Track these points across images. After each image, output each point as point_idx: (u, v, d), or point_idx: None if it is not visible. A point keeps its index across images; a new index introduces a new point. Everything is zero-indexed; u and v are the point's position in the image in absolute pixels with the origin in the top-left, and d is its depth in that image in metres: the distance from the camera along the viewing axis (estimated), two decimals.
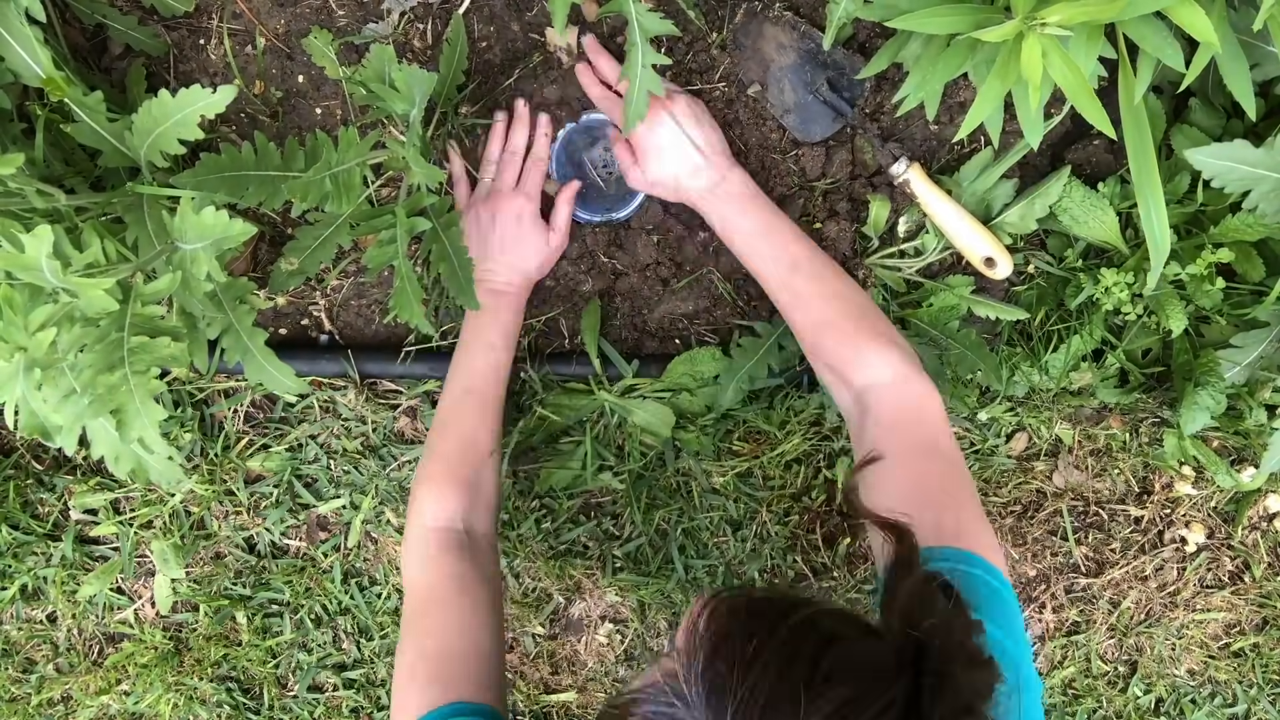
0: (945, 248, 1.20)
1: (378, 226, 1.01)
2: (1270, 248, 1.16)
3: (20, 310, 0.78)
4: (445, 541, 1.03)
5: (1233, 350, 1.16)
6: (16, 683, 1.44)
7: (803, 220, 1.21)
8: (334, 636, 1.43)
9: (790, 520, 1.39)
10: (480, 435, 1.10)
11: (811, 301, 1.07)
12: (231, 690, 1.45)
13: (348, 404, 1.31)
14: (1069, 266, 1.23)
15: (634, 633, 1.45)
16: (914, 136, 1.18)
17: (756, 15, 1.14)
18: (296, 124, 1.18)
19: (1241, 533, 1.44)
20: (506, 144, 1.17)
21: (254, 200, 0.91)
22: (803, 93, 1.15)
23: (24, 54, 0.88)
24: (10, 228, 0.79)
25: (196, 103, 0.90)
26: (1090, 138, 1.19)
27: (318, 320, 1.27)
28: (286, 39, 1.15)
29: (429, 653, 0.93)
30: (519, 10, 1.15)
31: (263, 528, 1.37)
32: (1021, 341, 1.28)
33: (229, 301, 0.97)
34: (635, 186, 1.15)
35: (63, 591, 1.39)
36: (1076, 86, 0.81)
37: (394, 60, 0.98)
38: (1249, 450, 1.39)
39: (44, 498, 1.36)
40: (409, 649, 0.95)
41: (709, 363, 1.23)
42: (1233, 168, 1.02)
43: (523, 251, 1.14)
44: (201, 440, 1.32)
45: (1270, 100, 1.10)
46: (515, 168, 1.16)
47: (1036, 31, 0.79)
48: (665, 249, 1.22)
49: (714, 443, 1.32)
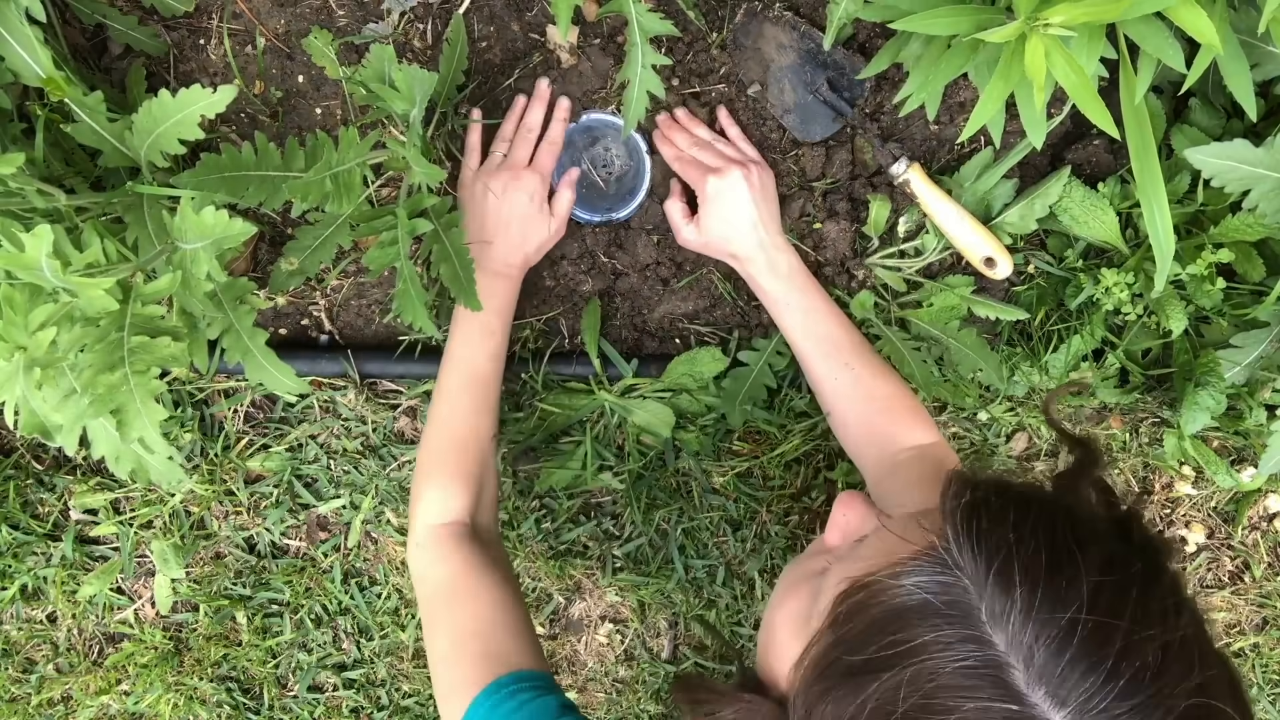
0: (945, 248, 1.20)
1: (379, 227, 1.00)
2: (1270, 248, 1.16)
3: (20, 309, 0.78)
4: (455, 534, 1.01)
5: (1233, 350, 1.16)
6: (16, 683, 1.44)
7: (803, 220, 1.21)
8: (334, 636, 1.43)
9: (790, 520, 1.39)
10: (482, 427, 1.08)
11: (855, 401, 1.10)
12: (231, 690, 1.45)
13: (348, 404, 1.31)
14: (1069, 266, 1.23)
15: (634, 633, 1.45)
16: (914, 136, 1.18)
17: (756, 15, 1.14)
18: (296, 124, 1.18)
19: (1241, 533, 1.44)
20: (522, 121, 1.15)
21: (254, 200, 0.91)
22: (803, 93, 1.15)
23: (24, 54, 0.88)
24: (10, 227, 0.79)
25: (196, 103, 0.90)
26: (1090, 138, 1.19)
27: (318, 320, 1.27)
28: (286, 39, 1.15)
29: (471, 632, 0.91)
30: (519, 10, 1.15)
31: (263, 528, 1.37)
32: (1021, 341, 1.28)
33: (229, 301, 0.97)
34: (685, 243, 1.16)
35: (63, 591, 1.39)
36: (1079, 87, 0.81)
37: (394, 60, 0.98)
38: (1249, 450, 1.39)
39: (44, 498, 1.35)
40: (442, 637, 0.93)
41: (709, 363, 1.23)
42: (1233, 167, 1.02)
43: (526, 231, 1.12)
44: (201, 440, 1.32)
45: (1270, 100, 1.10)
46: (529, 144, 1.13)
47: (1039, 32, 0.79)
48: (665, 249, 1.22)
49: (714, 443, 1.32)
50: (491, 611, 0.93)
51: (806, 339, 1.11)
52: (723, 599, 1.42)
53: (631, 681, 1.48)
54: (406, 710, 1.47)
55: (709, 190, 1.09)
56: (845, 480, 1.36)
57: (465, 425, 1.08)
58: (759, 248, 1.11)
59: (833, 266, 1.23)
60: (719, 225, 1.11)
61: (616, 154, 1.22)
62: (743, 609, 1.43)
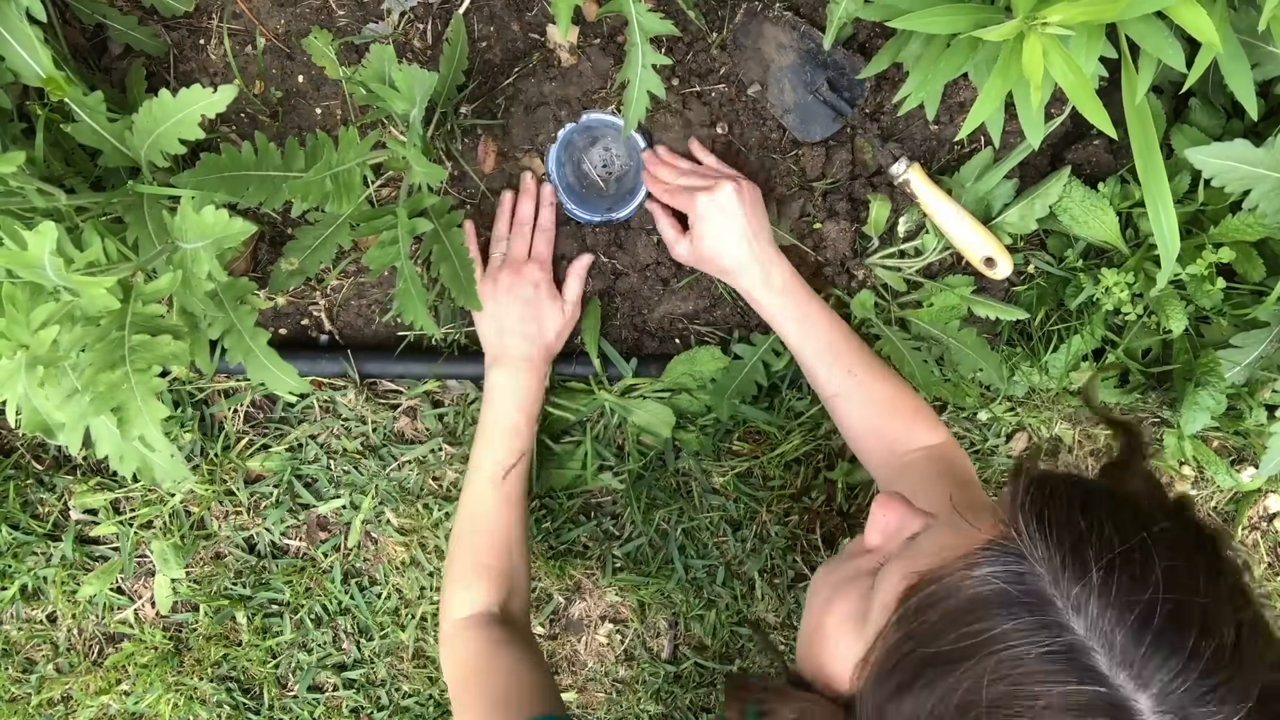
0: (945, 248, 1.20)
1: (379, 227, 1.00)
2: (1270, 248, 1.16)
3: (22, 308, 0.78)
4: (479, 622, 1.04)
5: (1233, 350, 1.16)
6: (16, 683, 1.44)
7: (803, 220, 1.21)
8: (334, 636, 1.43)
9: (790, 520, 1.39)
10: (511, 524, 1.10)
11: (861, 405, 1.10)
12: (231, 690, 1.45)
13: (348, 404, 1.31)
14: (1069, 266, 1.23)
15: (634, 633, 1.45)
16: (914, 136, 1.18)
17: (756, 15, 1.14)
18: (296, 124, 1.18)
19: (1241, 533, 1.44)
20: (514, 216, 1.18)
21: (254, 200, 0.91)
22: (803, 93, 1.15)
23: (24, 54, 0.88)
24: (13, 226, 0.79)
25: (197, 103, 0.90)
26: (1090, 138, 1.19)
27: (318, 320, 1.27)
28: (286, 39, 1.15)
29: (492, 696, 0.94)
30: (519, 10, 1.15)
31: (263, 528, 1.37)
32: (1021, 341, 1.28)
33: (230, 301, 0.97)
34: (680, 258, 1.16)
35: (63, 591, 1.39)
36: (1078, 86, 0.81)
37: (394, 60, 0.98)
38: (1249, 450, 1.39)
39: (44, 498, 1.35)
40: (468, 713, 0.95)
41: (709, 362, 1.23)
42: (1233, 167, 1.02)
43: (541, 320, 1.15)
44: (201, 440, 1.32)
45: (1270, 100, 1.10)
46: (525, 239, 1.17)
47: (1037, 31, 0.79)
48: (665, 249, 1.22)
49: (714, 443, 1.32)
50: (515, 676, 0.96)
51: (807, 349, 1.12)
52: (723, 599, 1.42)
53: (631, 681, 1.48)
54: (406, 710, 1.47)
55: (699, 208, 1.09)
56: (845, 480, 1.36)
57: (494, 523, 1.10)
58: (753, 261, 1.11)
59: (833, 266, 1.23)
60: (710, 241, 1.11)
61: (616, 154, 1.22)
62: (742, 609, 1.43)
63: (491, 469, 1.11)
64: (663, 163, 1.16)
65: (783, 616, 1.45)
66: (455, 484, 1.36)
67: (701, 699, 1.49)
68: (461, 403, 1.32)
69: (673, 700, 1.48)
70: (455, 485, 1.36)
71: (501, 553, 1.09)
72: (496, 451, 1.12)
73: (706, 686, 1.48)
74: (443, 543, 1.37)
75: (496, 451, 1.12)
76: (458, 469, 1.34)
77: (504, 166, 1.20)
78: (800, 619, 1.50)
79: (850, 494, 1.38)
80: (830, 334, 1.12)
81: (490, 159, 1.19)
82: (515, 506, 1.12)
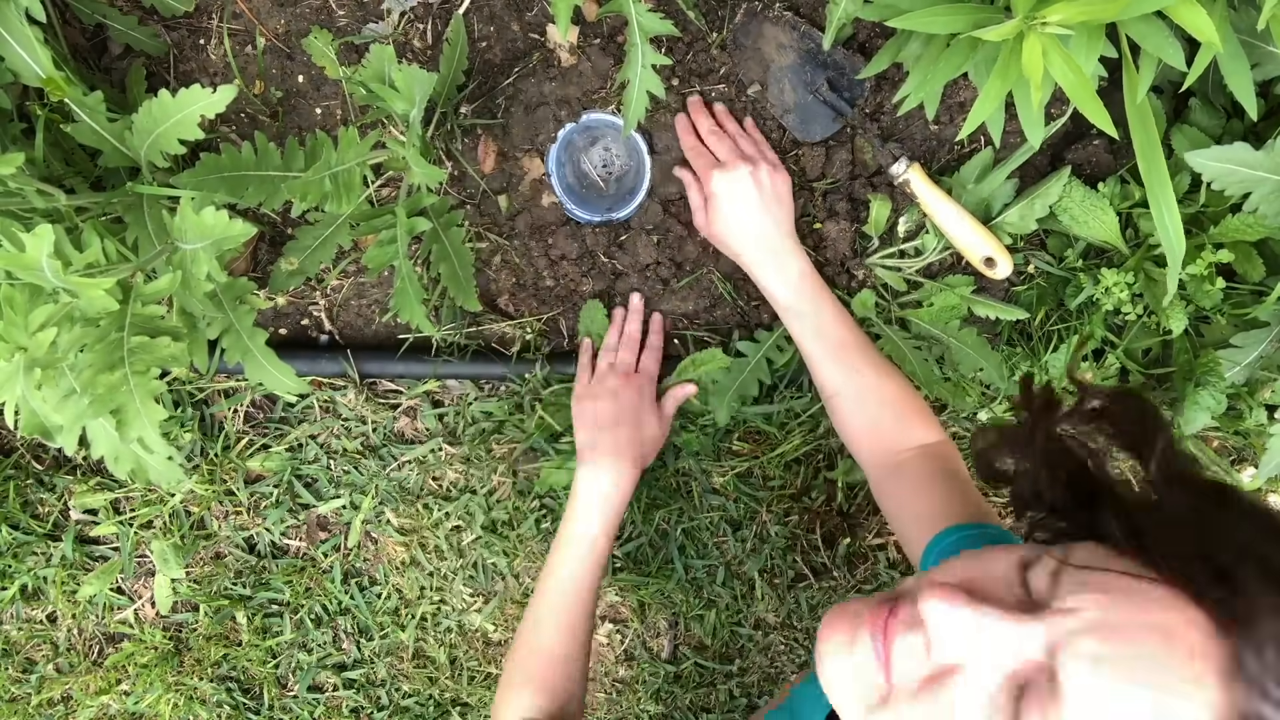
0: (945, 248, 1.20)
1: (378, 227, 1.01)
2: (1270, 248, 1.16)
3: (21, 310, 0.78)
4: None
5: (1233, 350, 1.16)
6: (16, 683, 1.44)
7: (803, 220, 1.21)
8: (334, 636, 1.44)
9: (790, 520, 1.39)
10: (574, 647, 1.08)
11: (863, 404, 1.10)
12: (231, 690, 1.45)
13: (348, 404, 1.31)
14: (1069, 266, 1.23)
15: (634, 633, 1.45)
16: (914, 136, 1.18)
17: (756, 15, 1.14)
18: (296, 124, 1.18)
19: None
20: (624, 333, 1.22)
21: (254, 200, 0.91)
22: (803, 93, 1.15)
23: (24, 54, 0.88)
24: (11, 227, 0.79)
25: (196, 103, 0.90)
26: (1090, 138, 1.19)
27: (318, 320, 1.27)
28: (286, 39, 1.15)
29: None
30: (519, 10, 1.15)
31: (263, 528, 1.37)
32: (1021, 341, 1.28)
33: (229, 301, 0.97)
34: (698, 228, 1.16)
35: (63, 591, 1.39)
36: (1077, 86, 0.81)
37: (394, 60, 0.98)
38: (1249, 450, 1.39)
39: (44, 498, 1.36)
40: None
41: (709, 363, 1.23)
42: (1233, 170, 1.02)
43: (640, 425, 1.17)
44: (201, 440, 1.32)
45: (1270, 100, 1.10)
46: (633, 351, 1.22)
47: (1037, 30, 0.79)
48: (665, 249, 1.22)
49: (714, 443, 1.32)
50: None
51: (814, 343, 1.11)
52: (723, 599, 1.42)
53: (631, 681, 1.48)
54: (406, 710, 1.47)
55: (712, 186, 1.09)
56: (845, 479, 1.36)
57: (558, 643, 1.08)
58: (766, 251, 1.10)
59: (833, 266, 1.23)
60: (720, 223, 1.11)
61: (616, 154, 1.22)
62: (742, 609, 1.43)
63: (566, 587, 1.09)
64: (706, 113, 1.15)
65: (783, 616, 1.45)
66: (455, 484, 1.36)
67: (701, 699, 1.49)
68: (461, 403, 1.32)
69: (673, 700, 1.48)
70: (455, 485, 1.36)
71: (562, 674, 1.06)
72: (572, 566, 1.10)
73: (706, 686, 1.48)
74: (443, 542, 1.37)
75: (572, 566, 1.10)
76: (458, 469, 1.34)
77: (504, 166, 1.20)
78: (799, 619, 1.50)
79: (850, 493, 1.38)
80: (841, 331, 1.11)
81: (490, 159, 1.19)
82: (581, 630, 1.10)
